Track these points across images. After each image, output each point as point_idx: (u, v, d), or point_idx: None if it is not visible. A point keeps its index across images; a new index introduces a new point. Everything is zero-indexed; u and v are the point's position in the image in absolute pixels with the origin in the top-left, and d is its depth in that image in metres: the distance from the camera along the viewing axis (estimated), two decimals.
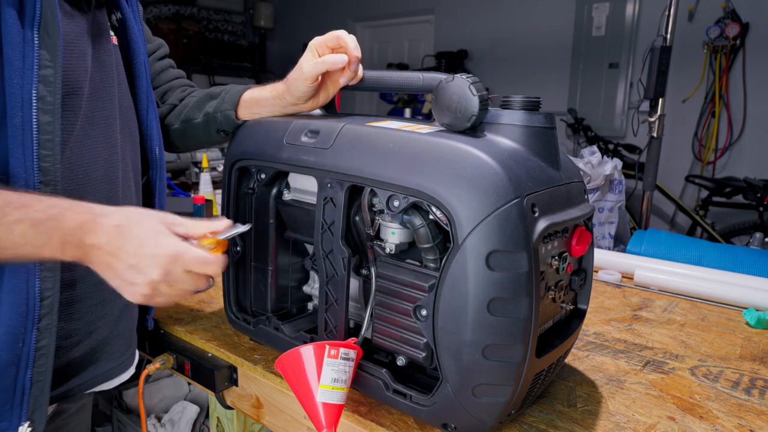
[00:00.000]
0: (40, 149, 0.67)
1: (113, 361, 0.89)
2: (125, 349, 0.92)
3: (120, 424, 1.79)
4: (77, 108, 0.76)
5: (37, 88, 0.66)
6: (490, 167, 0.63)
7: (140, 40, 0.90)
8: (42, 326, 0.71)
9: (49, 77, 0.68)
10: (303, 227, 0.88)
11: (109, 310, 0.86)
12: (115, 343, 0.89)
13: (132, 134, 0.90)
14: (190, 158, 2.36)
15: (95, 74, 0.80)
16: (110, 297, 0.85)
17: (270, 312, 0.94)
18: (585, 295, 0.85)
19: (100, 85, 0.81)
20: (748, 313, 1.19)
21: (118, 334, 0.89)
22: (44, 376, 0.72)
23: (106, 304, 0.85)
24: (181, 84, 1.09)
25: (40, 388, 0.72)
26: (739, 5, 3.71)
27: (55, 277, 0.71)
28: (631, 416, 0.81)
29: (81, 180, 0.78)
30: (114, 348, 0.89)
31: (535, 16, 4.74)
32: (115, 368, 0.90)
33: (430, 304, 0.68)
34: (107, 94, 0.82)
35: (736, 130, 3.87)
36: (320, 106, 0.91)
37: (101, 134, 0.81)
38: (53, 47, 0.68)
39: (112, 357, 0.89)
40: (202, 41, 6.10)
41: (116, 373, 0.90)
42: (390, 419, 0.78)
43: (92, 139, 0.79)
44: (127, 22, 0.88)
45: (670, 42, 2.17)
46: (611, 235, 2.00)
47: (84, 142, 0.78)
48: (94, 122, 0.80)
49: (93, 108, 0.79)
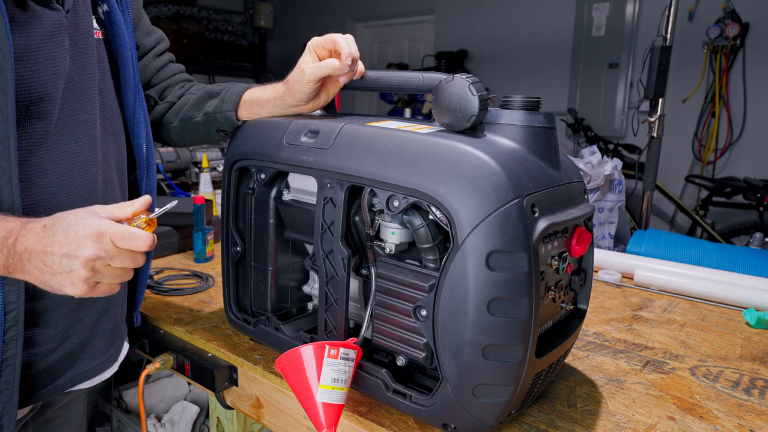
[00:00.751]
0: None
1: (92, 362, 0.88)
2: (106, 349, 0.91)
3: (120, 424, 1.79)
4: (47, 114, 0.74)
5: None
6: (490, 167, 0.63)
7: (126, 34, 0.87)
8: (7, 338, 0.71)
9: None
10: (303, 227, 0.88)
11: (86, 314, 0.85)
12: (95, 344, 0.88)
13: (116, 133, 0.88)
14: (190, 158, 2.36)
15: (74, 74, 0.78)
16: (87, 301, 0.84)
17: (270, 312, 0.94)
18: (585, 295, 0.85)
19: (79, 86, 0.79)
20: (748, 313, 1.19)
21: (97, 336, 0.88)
22: (11, 385, 0.73)
23: (83, 308, 0.84)
24: (180, 80, 1.07)
25: (8, 395, 0.73)
26: (739, 5, 3.71)
27: (19, 290, 0.71)
28: (631, 416, 0.81)
29: (53, 188, 0.76)
30: (93, 349, 0.88)
31: (535, 16, 4.74)
32: (94, 368, 0.89)
33: (430, 304, 0.68)
34: (86, 95, 0.80)
35: (736, 130, 3.87)
36: (321, 107, 0.91)
37: (78, 138, 0.79)
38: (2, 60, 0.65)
39: (91, 358, 0.88)
40: (202, 41, 6.09)
41: (95, 373, 0.89)
42: (390, 419, 0.78)
43: (68, 143, 0.77)
44: (113, 16, 0.85)
45: (670, 42, 2.17)
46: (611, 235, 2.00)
47: (58, 147, 0.76)
48: (69, 126, 0.78)
49: (68, 111, 0.77)
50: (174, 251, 1.55)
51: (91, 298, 0.85)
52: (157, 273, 1.38)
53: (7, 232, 0.64)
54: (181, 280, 1.36)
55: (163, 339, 1.08)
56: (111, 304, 0.90)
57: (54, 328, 0.80)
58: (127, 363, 1.21)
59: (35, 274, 0.64)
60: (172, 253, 1.55)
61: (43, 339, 0.79)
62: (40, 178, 0.75)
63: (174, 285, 1.31)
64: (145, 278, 1.00)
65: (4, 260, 0.64)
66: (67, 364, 0.84)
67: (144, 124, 0.92)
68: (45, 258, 0.63)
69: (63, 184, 0.77)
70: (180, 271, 1.40)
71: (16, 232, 0.64)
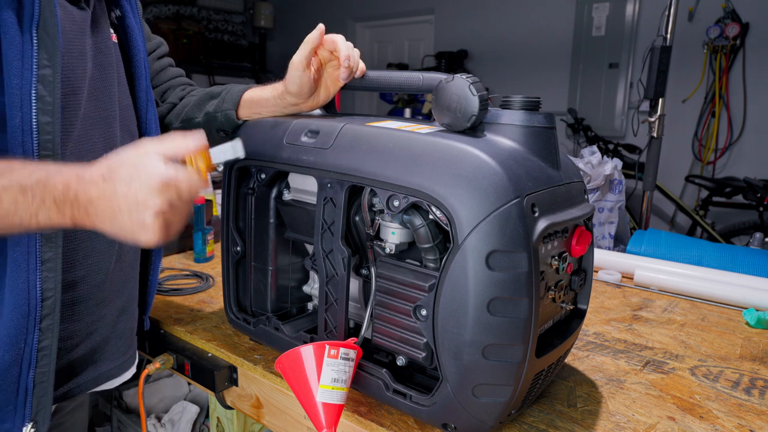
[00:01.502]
0: (40, 150, 0.67)
1: (114, 362, 0.89)
2: (126, 349, 0.92)
3: (120, 424, 1.79)
4: (76, 108, 0.75)
5: (37, 88, 0.66)
6: (490, 167, 0.63)
7: (140, 37, 0.89)
8: (44, 326, 0.70)
9: (48, 77, 0.67)
10: (303, 227, 0.88)
11: (108, 311, 0.86)
12: (115, 343, 0.89)
13: (131, 133, 0.90)
14: None
15: (95, 73, 0.80)
16: (109, 297, 0.85)
17: (270, 312, 0.94)
18: (585, 295, 0.85)
19: (101, 84, 0.81)
20: (748, 313, 1.19)
21: (117, 335, 0.89)
22: (47, 377, 0.72)
23: (105, 305, 0.85)
24: (181, 83, 1.09)
25: (43, 389, 0.72)
26: (739, 5, 3.71)
27: (57, 277, 0.71)
28: (631, 416, 0.81)
29: None
30: (114, 348, 0.89)
31: (535, 16, 4.74)
32: (115, 368, 0.90)
33: (430, 304, 0.68)
34: (107, 94, 0.82)
35: (736, 130, 3.87)
36: (321, 105, 0.91)
37: (100, 134, 0.80)
38: (52, 47, 0.67)
39: (112, 357, 0.89)
40: (202, 41, 6.09)
41: (117, 374, 0.90)
42: (390, 419, 0.78)
43: (91, 139, 0.79)
44: (126, 20, 0.87)
45: (670, 42, 2.17)
46: (611, 235, 2.00)
47: (83, 142, 0.77)
48: (93, 122, 0.79)
49: (92, 108, 0.79)
50: (174, 251, 1.55)
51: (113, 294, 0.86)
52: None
53: (65, 186, 0.61)
54: (181, 280, 1.36)
55: (163, 339, 1.08)
56: (129, 303, 0.91)
57: (79, 322, 0.81)
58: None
59: (104, 222, 0.62)
60: (172, 253, 1.55)
61: (69, 333, 0.80)
62: None
63: (174, 285, 1.31)
64: (155, 282, 1.00)
65: (70, 213, 0.62)
66: (90, 361, 0.85)
67: (155, 127, 0.93)
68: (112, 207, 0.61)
69: None
70: (180, 271, 1.40)
71: (74, 185, 0.61)
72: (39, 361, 0.71)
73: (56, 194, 0.61)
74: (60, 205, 0.61)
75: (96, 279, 0.82)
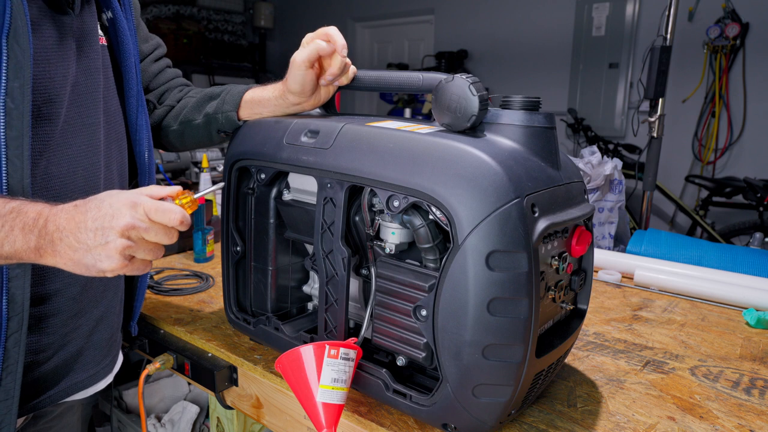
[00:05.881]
0: (8, 165, 0.66)
1: (87, 372, 0.87)
2: (101, 359, 0.90)
3: (120, 424, 1.79)
4: (55, 116, 0.74)
5: (5, 102, 0.65)
6: (490, 167, 0.63)
7: (131, 41, 0.88)
8: (9, 345, 0.69)
9: (16, 90, 0.66)
10: (303, 227, 0.88)
11: (84, 321, 0.84)
12: (90, 353, 0.87)
13: (119, 139, 0.88)
14: (190, 158, 2.36)
15: (79, 78, 0.78)
16: (86, 308, 0.83)
17: (270, 312, 0.94)
18: (585, 295, 0.85)
19: (84, 90, 0.79)
20: (748, 313, 1.19)
21: (92, 345, 0.87)
22: (11, 395, 0.71)
23: (81, 315, 0.83)
24: (178, 84, 1.08)
25: (6, 407, 0.71)
26: (739, 5, 3.71)
27: (24, 293, 0.70)
28: (631, 416, 0.81)
29: (58, 191, 0.76)
30: (88, 359, 0.87)
31: (535, 16, 4.74)
32: (88, 378, 0.88)
33: (430, 304, 0.68)
34: (91, 100, 0.80)
35: (736, 130, 3.87)
36: (322, 103, 0.91)
37: (82, 142, 0.79)
38: (22, 58, 0.66)
39: (86, 367, 0.87)
40: (202, 41, 6.10)
41: (90, 383, 0.88)
42: (390, 419, 0.78)
43: (72, 147, 0.77)
44: (117, 23, 0.85)
45: (670, 42, 2.17)
46: (611, 235, 2.00)
47: (63, 151, 0.76)
48: (74, 130, 0.78)
49: (74, 115, 0.77)
50: (174, 251, 1.55)
51: (90, 304, 0.84)
52: (157, 273, 1.38)
53: (37, 214, 0.63)
54: (181, 280, 1.36)
55: (163, 339, 1.08)
56: (108, 312, 0.89)
57: (52, 335, 0.79)
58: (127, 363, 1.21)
59: (68, 254, 0.62)
60: (172, 253, 1.55)
61: (41, 346, 0.78)
62: (46, 181, 0.75)
63: (174, 285, 1.31)
64: (143, 289, 0.99)
65: (36, 242, 0.62)
66: (62, 373, 0.83)
67: (146, 131, 0.92)
68: (78, 234, 0.61)
69: (67, 188, 0.77)
70: (180, 271, 1.40)
71: (46, 212, 0.63)
72: (3, 379, 0.69)
73: (26, 221, 0.62)
74: (27, 232, 0.62)
75: (72, 292, 0.80)
